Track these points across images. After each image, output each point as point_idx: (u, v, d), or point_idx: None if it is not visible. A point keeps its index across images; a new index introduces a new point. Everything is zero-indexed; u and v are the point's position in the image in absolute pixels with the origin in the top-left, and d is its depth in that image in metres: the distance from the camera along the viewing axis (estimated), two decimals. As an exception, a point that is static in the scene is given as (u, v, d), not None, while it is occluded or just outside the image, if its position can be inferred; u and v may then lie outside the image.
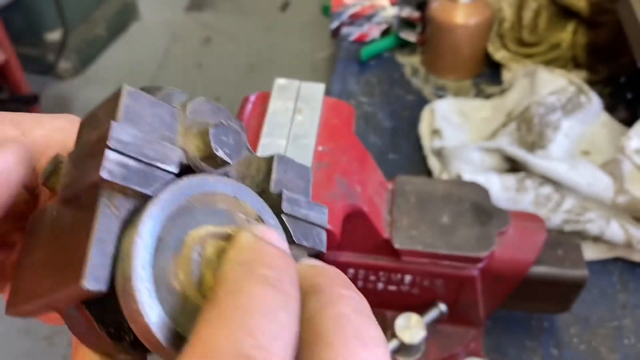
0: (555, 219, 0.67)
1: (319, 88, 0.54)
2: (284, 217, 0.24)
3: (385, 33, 1.02)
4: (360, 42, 1.02)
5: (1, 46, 1.91)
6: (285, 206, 0.25)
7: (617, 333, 0.64)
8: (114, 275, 0.20)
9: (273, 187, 0.25)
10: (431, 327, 0.56)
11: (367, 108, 0.91)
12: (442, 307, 0.54)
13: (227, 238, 0.22)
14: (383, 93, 0.94)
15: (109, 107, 0.22)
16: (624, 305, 0.66)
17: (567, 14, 0.88)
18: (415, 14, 0.96)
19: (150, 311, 0.19)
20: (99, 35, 2.52)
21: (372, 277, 0.53)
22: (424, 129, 0.84)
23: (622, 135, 0.73)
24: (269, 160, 0.26)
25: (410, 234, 0.51)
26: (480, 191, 0.55)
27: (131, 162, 0.20)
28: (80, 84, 2.43)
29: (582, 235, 0.68)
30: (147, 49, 2.61)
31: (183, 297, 0.21)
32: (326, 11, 1.33)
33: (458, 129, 0.82)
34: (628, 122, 0.79)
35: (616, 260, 0.70)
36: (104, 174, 0.19)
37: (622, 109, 0.81)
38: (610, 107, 0.82)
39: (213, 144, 0.22)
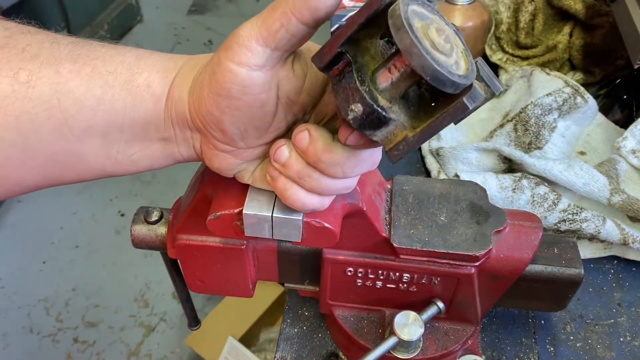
0: (551, 219, 0.68)
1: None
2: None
3: (384, 36, 1.03)
4: (360, 44, 1.03)
5: (5, 49, 1.92)
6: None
7: (612, 331, 0.64)
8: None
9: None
10: (429, 324, 0.57)
11: (367, 110, 0.92)
12: (440, 304, 0.54)
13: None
14: (383, 95, 0.95)
15: None
16: (620, 304, 0.67)
17: (563, 16, 0.89)
18: (415, 17, 0.96)
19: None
20: (102, 38, 2.53)
21: (371, 276, 0.54)
22: (422, 130, 0.85)
23: (617, 136, 0.74)
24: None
25: (408, 232, 0.52)
26: (478, 191, 0.55)
27: None
28: (83, 87, 2.44)
29: (578, 235, 0.68)
30: (150, 51, 2.63)
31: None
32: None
33: (456, 130, 0.83)
34: (623, 123, 0.80)
35: (612, 258, 0.71)
36: None
37: (617, 110, 0.82)
38: (606, 108, 0.83)
39: None
